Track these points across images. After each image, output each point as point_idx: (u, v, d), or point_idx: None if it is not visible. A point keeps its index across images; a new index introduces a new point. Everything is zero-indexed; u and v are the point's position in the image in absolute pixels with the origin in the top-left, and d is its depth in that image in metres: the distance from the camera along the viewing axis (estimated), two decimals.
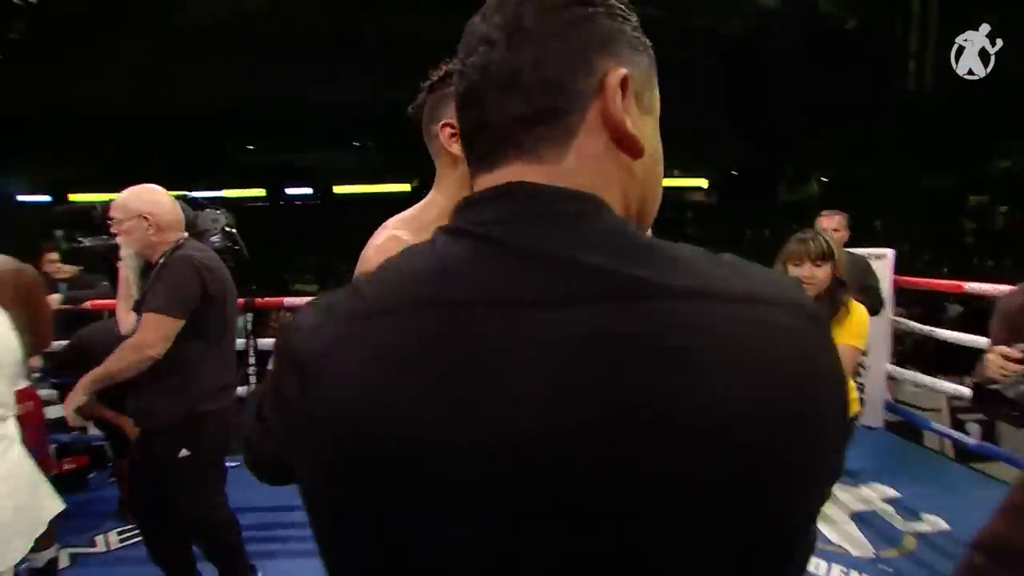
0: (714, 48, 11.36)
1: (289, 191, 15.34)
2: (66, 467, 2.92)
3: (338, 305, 0.40)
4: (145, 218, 1.71)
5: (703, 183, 14.11)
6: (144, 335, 1.66)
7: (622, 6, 0.42)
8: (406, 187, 11.66)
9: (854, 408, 1.95)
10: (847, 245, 2.88)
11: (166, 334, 1.65)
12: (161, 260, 1.73)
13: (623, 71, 0.39)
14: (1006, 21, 2.70)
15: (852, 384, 1.89)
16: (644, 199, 0.43)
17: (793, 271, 1.79)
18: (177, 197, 1.85)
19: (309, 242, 14.02)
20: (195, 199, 2.24)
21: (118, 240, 1.75)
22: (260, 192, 15.01)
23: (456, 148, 0.94)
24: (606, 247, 0.35)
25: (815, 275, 1.79)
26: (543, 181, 0.38)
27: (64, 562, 2.23)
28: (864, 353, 3.43)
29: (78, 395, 1.74)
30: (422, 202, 1.01)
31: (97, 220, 1.85)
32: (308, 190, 15.31)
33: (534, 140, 0.39)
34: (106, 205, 1.80)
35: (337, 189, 14.73)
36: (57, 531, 2.04)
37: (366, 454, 0.35)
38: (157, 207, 1.73)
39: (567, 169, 0.39)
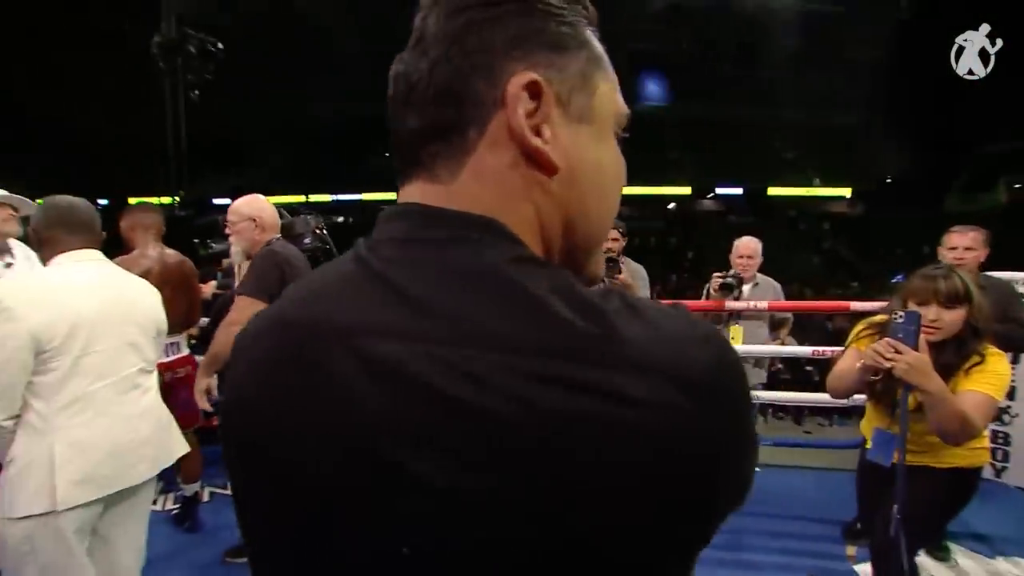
0: (871, 38, 10.00)
1: None
2: (214, 423, 3.47)
3: (274, 304, 0.40)
4: (253, 220, 2.04)
5: (845, 192, 12.61)
6: (232, 315, 1.95)
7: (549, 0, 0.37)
8: None
9: (983, 458, 1.66)
10: (986, 268, 2.44)
11: (250, 314, 1.92)
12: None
13: (531, 76, 0.35)
14: None
15: (984, 434, 1.62)
16: (569, 219, 0.38)
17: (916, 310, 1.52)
18: (278, 205, 2.18)
19: None
20: (291, 205, 2.59)
21: (231, 240, 2.10)
22: (392, 196, 16.50)
23: None
24: (459, 285, 0.33)
25: (942, 318, 1.51)
26: (435, 202, 0.36)
27: (205, 497, 2.81)
28: (1011, 398, 2.89)
29: (201, 379, 2.04)
30: None
31: (221, 227, 2.26)
32: None
33: (430, 157, 0.36)
34: (224, 215, 2.18)
35: None
36: (202, 472, 2.57)
37: (237, 448, 0.40)
38: (262, 212, 2.07)
39: (461, 189, 0.36)
